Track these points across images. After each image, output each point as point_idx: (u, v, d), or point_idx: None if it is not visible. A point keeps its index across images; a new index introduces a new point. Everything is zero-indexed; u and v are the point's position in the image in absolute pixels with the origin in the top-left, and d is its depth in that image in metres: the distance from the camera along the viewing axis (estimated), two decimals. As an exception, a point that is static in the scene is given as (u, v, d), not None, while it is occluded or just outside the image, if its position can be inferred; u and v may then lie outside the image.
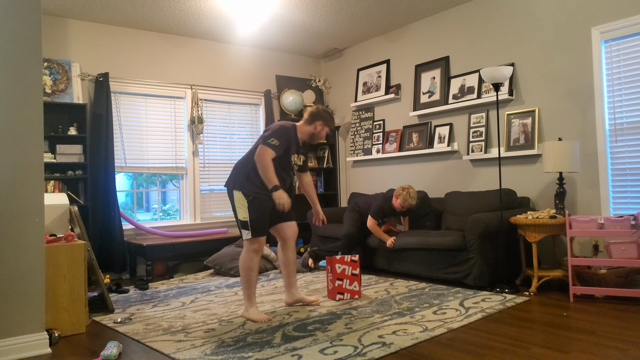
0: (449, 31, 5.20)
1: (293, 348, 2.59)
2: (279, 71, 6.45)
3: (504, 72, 3.90)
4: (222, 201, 5.91)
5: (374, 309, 3.34)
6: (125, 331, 3.04)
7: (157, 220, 5.57)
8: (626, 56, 3.87)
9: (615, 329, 2.82)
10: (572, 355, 2.42)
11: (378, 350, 2.50)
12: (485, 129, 4.81)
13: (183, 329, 3.04)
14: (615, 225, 3.44)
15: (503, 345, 2.59)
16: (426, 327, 2.90)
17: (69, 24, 4.96)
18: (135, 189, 5.64)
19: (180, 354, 2.57)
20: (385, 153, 5.74)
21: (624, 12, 3.85)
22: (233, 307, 3.56)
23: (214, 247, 5.24)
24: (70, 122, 4.83)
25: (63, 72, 4.80)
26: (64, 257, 3.08)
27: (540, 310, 3.27)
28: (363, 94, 6.13)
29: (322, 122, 3.48)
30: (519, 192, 4.57)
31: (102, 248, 4.89)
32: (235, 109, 6.09)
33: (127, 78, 5.24)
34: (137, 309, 3.64)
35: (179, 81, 5.61)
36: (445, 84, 5.18)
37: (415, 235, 4.37)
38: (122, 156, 5.21)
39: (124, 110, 5.27)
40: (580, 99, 4.13)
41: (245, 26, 5.43)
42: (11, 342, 2.65)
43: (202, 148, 5.77)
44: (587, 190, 4.08)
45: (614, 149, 3.94)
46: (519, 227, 3.91)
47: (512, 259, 4.19)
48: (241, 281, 3.27)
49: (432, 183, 5.34)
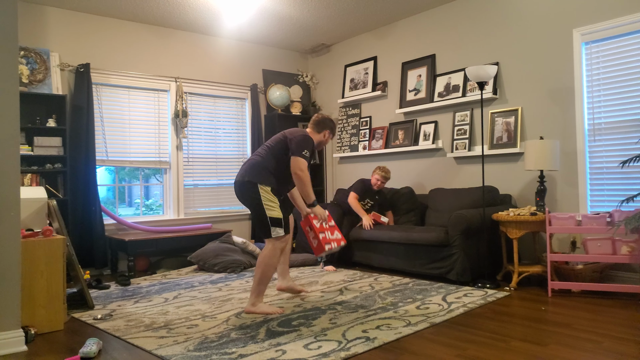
0: (436, 29, 5.23)
1: (277, 343, 2.60)
2: (266, 65, 6.42)
3: (488, 71, 3.95)
4: (207, 196, 5.87)
5: (358, 304, 3.37)
6: (106, 328, 3.01)
7: (139, 215, 5.52)
8: (605, 58, 3.95)
9: (591, 322, 2.89)
10: (550, 347, 2.48)
11: (362, 345, 2.52)
12: (470, 127, 4.86)
13: (165, 325, 3.03)
14: (592, 222, 3.52)
15: (483, 339, 2.63)
16: (409, 321, 2.93)
17: (48, 12, 4.86)
18: (117, 183, 5.58)
19: (162, 350, 2.56)
20: (371, 150, 5.77)
21: (605, 15, 3.92)
22: (217, 303, 3.56)
23: (197, 242, 5.21)
24: (49, 113, 4.74)
25: (41, 61, 4.70)
26: (42, 252, 3.02)
27: (519, 304, 3.34)
28: (350, 91, 6.14)
29: (329, 130, 3.58)
30: (501, 190, 4.64)
31: (83, 243, 4.82)
32: (221, 103, 6.05)
33: (109, 69, 5.17)
34: (118, 305, 3.61)
35: (163, 74, 5.55)
36: (431, 82, 5.22)
37: (399, 230, 4.41)
38: (104, 149, 5.14)
39: (105, 103, 5.19)
40: (561, 99, 4.20)
41: (232, 19, 5.39)
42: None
43: (187, 142, 5.72)
44: (566, 188, 4.16)
45: (592, 148, 4.02)
46: (501, 223, 3.98)
47: (493, 255, 4.26)
48: (257, 277, 3.25)
49: (416, 180, 5.38)
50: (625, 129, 3.85)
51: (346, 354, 2.41)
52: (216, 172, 5.96)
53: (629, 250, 3.44)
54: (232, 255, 4.89)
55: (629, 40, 3.82)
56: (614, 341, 2.56)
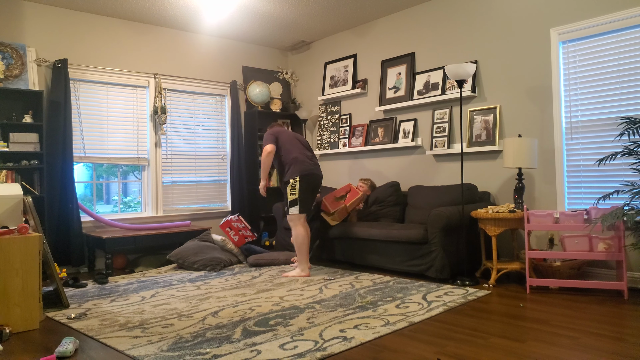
0: (415, 28, 5.24)
1: (253, 343, 2.57)
2: (246, 62, 6.37)
3: (467, 69, 3.96)
4: (185, 194, 5.81)
5: (337, 303, 3.35)
6: (79, 327, 2.94)
7: (117, 213, 5.43)
8: (582, 57, 3.99)
9: (568, 319, 2.93)
10: (527, 344, 2.50)
11: (338, 345, 2.51)
12: (449, 124, 4.88)
13: (140, 325, 2.97)
14: (570, 220, 3.56)
15: (463, 336, 2.64)
16: (388, 320, 2.93)
17: (25, 6, 4.74)
18: (94, 180, 5.48)
19: (135, 350, 2.51)
20: (351, 147, 5.76)
21: (581, 15, 3.96)
22: (194, 302, 3.51)
23: (176, 240, 5.15)
24: (25, 109, 4.64)
25: (17, 56, 4.59)
26: (17, 250, 2.95)
27: (498, 301, 3.36)
28: (330, 88, 6.12)
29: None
30: (480, 187, 4.67)
31: (59, 241, 4.73)
32: (200, 100, 5.98)
33: (87, 65, 5.07)
34: (94, 303, 3.54)
35: (142, 70, 5.46)
36: (411, 79, 5.23)
37: (379, 227, 4.41)
38: (81, 146, 5.05)
39: (83, 99, 5.09)
40: (539, 97, 4.24)
41: (212, 15, 5.33)
42: (-43, 339, 2.53)
43: (165, 139, 5.65)
44: (544, 186, 4.20)
45: (570, 146, 4.07)
46: (480, 221, 4.00)
47: (472, 252, 4.28)
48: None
49: (396, 177, 5.39)
50: (601, 127, 3.90)
51: (322, 354, 2.39)
52: (195, 169, 5.90)
53: (606, 247, 3.49)
54: (212, 253, 4.84)
55: (605, 40, 3.87)
56: (590, 337, 2.59)
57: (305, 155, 4.43)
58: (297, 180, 4.29)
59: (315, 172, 4.39)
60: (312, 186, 4.37)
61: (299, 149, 4.44)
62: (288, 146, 4.43)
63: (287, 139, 4.48)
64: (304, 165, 4.34)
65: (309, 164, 4.38)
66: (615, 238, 3.46)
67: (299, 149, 4.44)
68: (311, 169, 4.36)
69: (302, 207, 4.30)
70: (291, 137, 4.51)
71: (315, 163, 4.46)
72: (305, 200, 4.31)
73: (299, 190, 4.28)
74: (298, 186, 4.29)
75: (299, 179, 4.29)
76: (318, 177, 4.42)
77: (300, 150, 4.43)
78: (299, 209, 4.29)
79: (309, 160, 4.41)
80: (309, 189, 4.34)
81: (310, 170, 4.35)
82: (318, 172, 4.42)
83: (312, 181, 4.36)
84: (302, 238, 4.30)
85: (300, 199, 4.29)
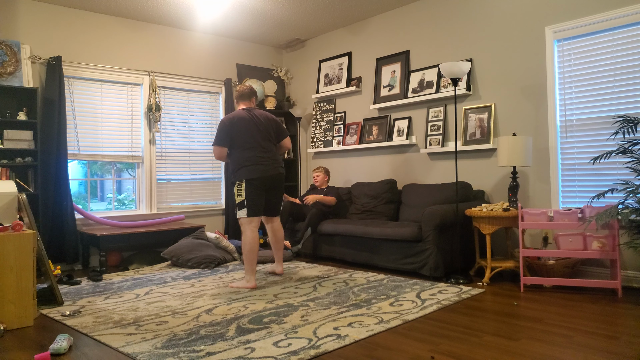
0: (410, 26, 5.24)
1: (247, 341, 2.56)
2: (240, 60, 6.35)
3: (462, 68, 3.97)
4: (179, 191, 5.79)
5: (331, 301, 3.36)
6: (73, 324, 2.93)
7: (111, 210, 5.41)
8: (577, 55, 4.00)
9: (561, 317, 2.94)
10: (521, 342, 2.50)
11: (332, 343, 2.51)
12: (443, 123, 4.89)
13: (134, 322, 2.97)
14: (564, 218, 3.57)
15: (456, 334, 2.65)
16: (382, 318, 2.93)
17: (19, 3, 4.71)
18: (89, 178, 5.45)
19: (129, 347, 2.51)
20: (345, 145, 5.76)
21: (576, 13, 3.97)
22: (188, 300, 3.50)
23: (171, 238, 5.14)
24: (20, 106, 4.61)
25: (11, 53, 4.56)
26: (11, 247, 2.94)
27: (492, 300, 3.37)
28: (325, 86, 6.11)
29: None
30: (474, 185, 4.68)
31: (53, 238, 4.71)
32: (195, 97, 5.96)
33: (81, 62, 5.04)
34: (88, 301, 3.53)
35: (136, 67, 5.44)
36: (405, 77, 5.23)
37: (373, 225, 4.41)
38: (76, 143, 5.02)
39: (77, 96, 5.06)
40: (533, 95, 4.25)
41: (206, 13, 5.31)
42: (-52, 337, 2.51)
43: (160, 136, 5.63)
44: (538, 184, 4.21)
45: (564, 144, 4.08)
46: (474, 219, 4.01)
47: (466, 250, 4.29)
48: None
49: (390, 175, 5.39)
50: (596, 125, 3.91)
51: (316, 351, 2.39)
52: (189, 166, 5.88)
53: (600, 246, 3.50)
54: (206, 250, 4.83)
55: (599, 38, 3.88)
56: (584, 335, 2.60)
57: (261, 152, 3.89)
58: (242, 183, 3.84)
59: (269, 173, 3.88)
60: (264, 187, 3.90)
61: (254, 142, 3.87)
62: (241, 141, 3.87)
63: (242, 128, 3.87)
64: (255, 167, 3.84)
65: (261, 165, 3.85)
66: (610, 237, 3.48)
67: (254, 142, 3.87)
68: (262, 171, 3.85)
69: (250, 210, 3.83)
70: (249, 125, 3.89)
71: (273, 159, 3.93)
72: (254, 202, 3.84)
73: (245, 192, 3.83)
74: (244, 189, 3.84)
75: (245, 183, 3.83)
76: (271, 178, 3.90)
77: (255, 145, 3.87)
78: (247, 212, 3.83)
79: (261, 160, 3.87)
80: (257, 192, 3.86)
81: (260, 174, 3.84)
82: (273, 172, 3.90)
83: (262, 184, 3.87)
84: (250, 245, 3.81)
85: (248, 202, 3.83)
